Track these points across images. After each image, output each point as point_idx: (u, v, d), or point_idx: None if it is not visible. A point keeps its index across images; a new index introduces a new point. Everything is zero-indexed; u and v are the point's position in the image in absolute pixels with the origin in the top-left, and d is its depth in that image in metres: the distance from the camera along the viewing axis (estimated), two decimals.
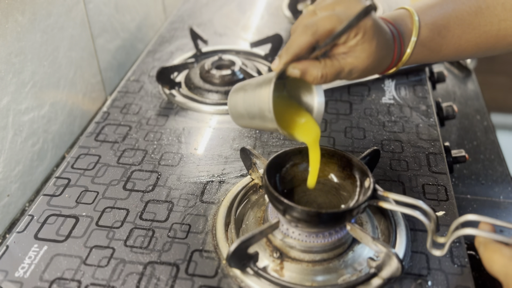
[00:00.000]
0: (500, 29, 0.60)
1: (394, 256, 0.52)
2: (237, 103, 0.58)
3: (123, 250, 0.60)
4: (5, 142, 0.72)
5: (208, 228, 0.63)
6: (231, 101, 0.60)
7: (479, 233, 0.48)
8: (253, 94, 0.55)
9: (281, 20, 1.21)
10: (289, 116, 0.58)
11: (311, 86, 0.58)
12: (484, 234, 0.48)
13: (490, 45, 0.62)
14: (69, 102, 0.88)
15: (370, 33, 0.53)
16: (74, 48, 0.89)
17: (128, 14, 1.10)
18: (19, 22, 0.73)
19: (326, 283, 0.55)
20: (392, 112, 0.85)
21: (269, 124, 0.54)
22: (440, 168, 0.72)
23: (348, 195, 0.60)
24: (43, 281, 0.56)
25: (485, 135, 1.01)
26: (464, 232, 0.49)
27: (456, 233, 0.50)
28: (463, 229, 0.49)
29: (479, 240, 0.49)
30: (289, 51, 0.52)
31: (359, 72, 0.56)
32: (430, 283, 0.55)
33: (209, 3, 1.30)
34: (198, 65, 0.96)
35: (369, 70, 0.56)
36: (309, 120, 0.58)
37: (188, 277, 0.56)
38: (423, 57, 0.62)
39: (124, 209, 0.66)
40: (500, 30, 0.60)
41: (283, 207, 0.54)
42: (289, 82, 0.59)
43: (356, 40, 0.53)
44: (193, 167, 0.73)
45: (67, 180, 0.71)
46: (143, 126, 0.82)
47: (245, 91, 0.57)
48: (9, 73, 0.72)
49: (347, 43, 0.53)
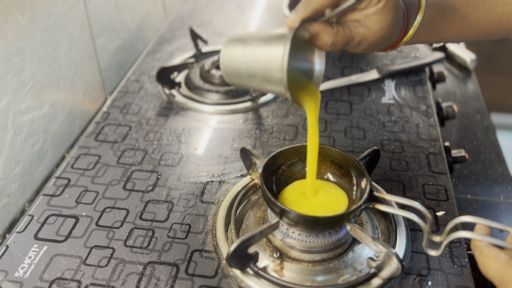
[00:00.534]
0: (504, 13, 0.59)
1: (394, 256, 0.52)
2: (235, 58, 0.52)
3: (123, 250, 0.60)
4: (5, 142, 0.72)
5: (208, 228, 0.63)
6: (227, 53, 0.52)
7: (474, 236, 0.48)
8: (259, 50, 0.49)
9: (281, 20, 1.21)
10: (289, 78, 0.52)
11: (315, 51, 0.54)
12: (479, 237, 0.48)
13: (492, 29, 0.61)
14: (69, 102, 0.88)
15: (390, 4, 0.50)
16: (74, 48, 0.89)
17: (128, 14, 1.10)
18: (19, 22, 0.73)
19: (326, 283, 0.55)
20: (392, 112, 0.85)
21: (273, 85, 0.49)
22: (440, 168, 0.72)
23: (345, 192, 0.61)
24: (43, 281, 0.56)
25: (485, 135, 1.01)
26: (459, 234, 0.49)
27: (452, 235, 0.50)
28: (458, 232, 0.49)
29: (475, 244, 0.48)
30: (308, 5, 0.48)
31: (368, 44, 0.53)
32: (430, 283, 0.55)
33: (209, 3, 1.30)
34: (198, 65, 0.96)
35: (377, 44, 0.54)
36: (311, 84, 0.55)
37: (188, 277, 0.56)
38: (424, 38, 0.60)
39: (124, 209, 0.66)
40: (503, 14, 0.59)
41: (279, 210, 0.54)
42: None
43: (376, 8, 0.50)
44: (193, 167, 0.73)
45: (67, 180, 0.71)
46: (143, 126, 0.82)
47: (247, 44, 0.51)
48: (9, 73, 0.72)
49: (366, 10, 0.50)
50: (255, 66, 0.50)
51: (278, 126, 0.82)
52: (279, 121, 0.83)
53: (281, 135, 0.80)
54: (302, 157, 0.62)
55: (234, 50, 0.52)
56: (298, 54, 0.55)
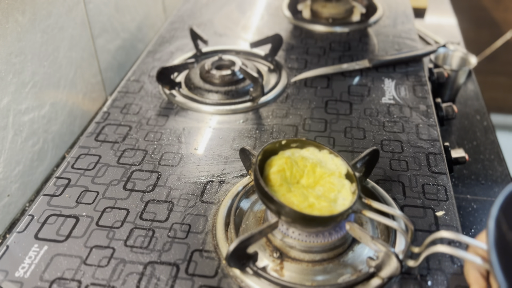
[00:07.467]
0: None
1: (393, 256, 0.52)
2: None
3: (123, 250, 0.60)
4: (5, 142, 0.72)
5: (208, 228, 0.63)
6: None
7: (449, 251, 0.49)
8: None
9: (281, 20, 1.21)
10: None
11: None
12: (452, 252, 0.49)
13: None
14: (69, 102, 0.89)
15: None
16: (74, 48, 0.89)
17: (128, 14, 1.10)
18: (19, 22, 0.73)
19: (326, 283, 0.55)
20: (392, 112, 0.85)
21: None
22: (440, 168, 0.72)
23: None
24: (43, 281, 0.56)
25: (485, 135, 1.01)
26: (436, 249, 0.50)
27: (430, 249, 0.51)
28: (436, 246, 0.50)
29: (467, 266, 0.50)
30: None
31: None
32: (430, 283, 0.55)
33: (209, 3, 1.30)
34: (198, 65, 0.97)
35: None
36: None
37: (188, 277, 0.56)
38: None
39: (124, 209, 0.66)
40: None
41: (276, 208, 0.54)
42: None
43: None
44: (193, 167, 0.73)
45: (67, 180, 0.71)
46: (143, 126, 0.82)
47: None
48: (10, 73, 0.72)
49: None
50: None
51: (278, 126, 0.82)
52: (279, 121, 0.83)
53: (281, 135, 0.80)
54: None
55: None
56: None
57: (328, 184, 0.58)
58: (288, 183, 0.58)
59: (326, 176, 0.59)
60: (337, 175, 0.59)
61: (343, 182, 0.58)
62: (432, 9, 1.50)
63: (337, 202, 0.57)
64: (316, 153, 0.62)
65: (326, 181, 0.58)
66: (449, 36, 1.32)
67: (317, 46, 1.08)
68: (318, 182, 0.59)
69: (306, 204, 0.55)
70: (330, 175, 0.59)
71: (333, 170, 0.60)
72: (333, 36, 1.13)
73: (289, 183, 0.58)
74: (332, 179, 0.59)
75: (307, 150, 0.62)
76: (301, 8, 1.29)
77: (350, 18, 1.23)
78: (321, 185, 0.58)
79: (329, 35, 1.14)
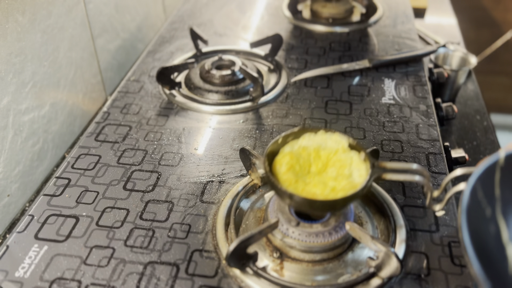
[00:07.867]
0: None
1: (393, 256, 0.52)
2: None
3: (123, 250, 0.60)
4: (5, 142, 0.72)
5: (208, 228, 0.63)
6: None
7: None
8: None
9: (281, 20, 1.21)
10: None
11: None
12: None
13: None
14: (69, 102, 0.89)
15: None
16: (74, 48, 0.89)
17: (128, 14, 1.10)
18: (19, 22, 0.73)
19: (326, 283, 0.55)
20: (392, 112, 0.85)
21: None
22: (440, 168, 0.72)
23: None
24: (43, 281, 0.56)
25: (485, 135, 1.01)
26: (458, 188, 0.52)
27: (452, 190, 0.54)
28: (458, 185, 0.52)
29: None
30: None
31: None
32: (430, 283, 0.55)
33: (209, 3, 1.30)
34: (198, 65, 0.97)
35: None
36: None
37: (188, 277, 0.56)
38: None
39: (124, 209, 0.66)
40: None
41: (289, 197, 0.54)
42: None
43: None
44: (193, 167, 0.73)
45: (67, 180, 0.71)
46: (143, 126, 0.82)
47: None
48: (10, 73, 0.72)
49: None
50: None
51: (278, 126, 0.82)
52: (279, 121, 0.83)
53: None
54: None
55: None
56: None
57: (338, 162, 0.58)
58: (301, 177, 0.57)
59: (332, 155, 0.58)
60: (341, 151, 0.59)
61: (350, 155, 0.58)
62: (432, 9, 1.50)
63: (353, 175, 0.56)
64: (313, 137, 0.61)
65: (334, 161, 0.58)
66: (449, 36, 1.33)
67: (317, 46, 1.08)
68: (327, 164, 0.58)
69: (329, 190, 0.54)
70: (335, 152, 0.59)
71: (335, 147, 0.59)
72: (333, 36, 1.13)
73: (301, 176, 0.57)
74: (339, 156, 0.58)
75: (304, 138, 0.61)
76: (301, 8, 1.29)
77: (350, 18, 1.23)
78: (332, 166, 0.58)
79: (329, 35, 1.14)
